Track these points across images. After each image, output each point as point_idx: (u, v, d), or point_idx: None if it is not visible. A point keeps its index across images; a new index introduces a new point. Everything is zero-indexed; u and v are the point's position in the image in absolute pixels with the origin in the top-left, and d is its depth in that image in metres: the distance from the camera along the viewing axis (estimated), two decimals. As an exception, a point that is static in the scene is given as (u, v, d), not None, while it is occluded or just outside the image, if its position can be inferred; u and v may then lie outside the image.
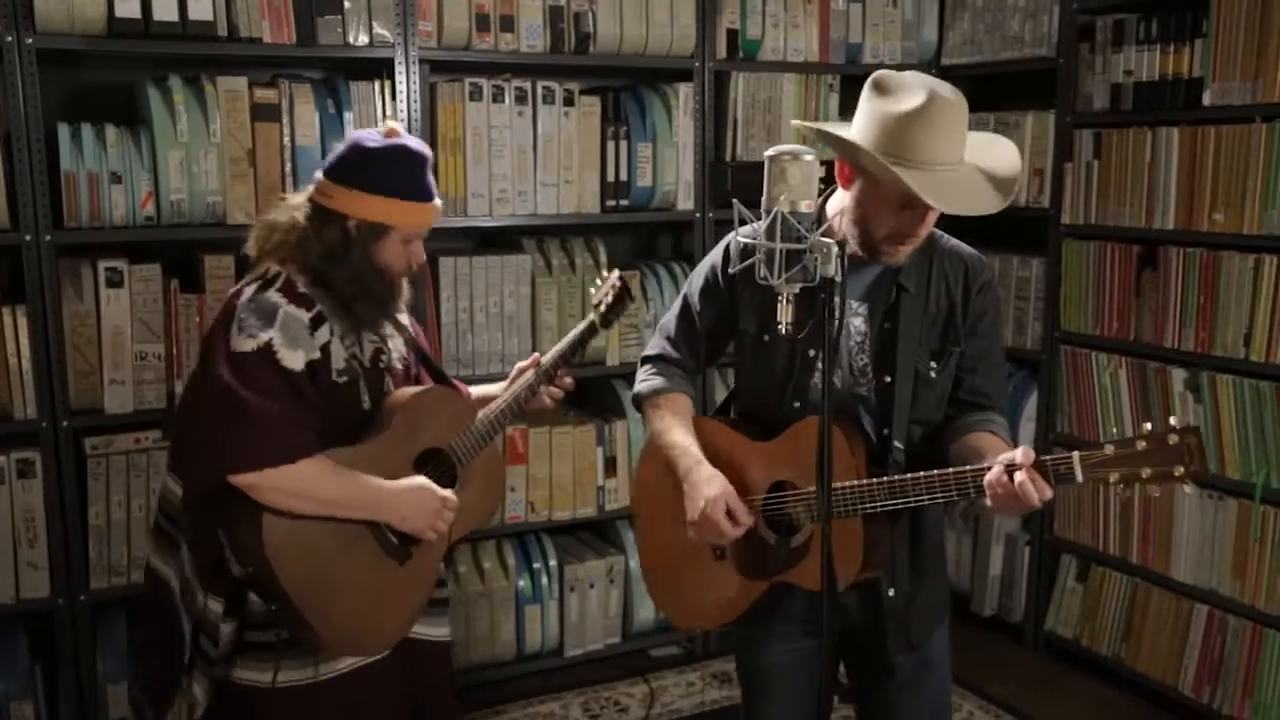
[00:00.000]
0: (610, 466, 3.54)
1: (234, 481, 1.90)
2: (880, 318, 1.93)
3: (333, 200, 2.05)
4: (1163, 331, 3.24)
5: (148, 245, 2.93)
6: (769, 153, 1.62)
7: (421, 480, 2.09)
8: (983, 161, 1.81)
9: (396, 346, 2.22)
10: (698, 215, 3.57)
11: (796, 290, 1.62)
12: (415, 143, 2.09)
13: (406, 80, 3.08)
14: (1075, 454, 1.69)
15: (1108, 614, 3.51)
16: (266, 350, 1.93)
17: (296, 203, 2.12)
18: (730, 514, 1.92)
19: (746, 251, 1.67)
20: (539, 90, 3.27)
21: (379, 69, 3.08)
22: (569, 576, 3.53)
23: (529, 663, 3.51)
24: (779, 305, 1.63)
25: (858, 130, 1.82)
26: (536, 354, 2.39)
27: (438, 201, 2.14)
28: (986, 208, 1.76)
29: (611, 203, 3.44)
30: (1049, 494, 1.68)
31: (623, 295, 2.42)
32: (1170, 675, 3.31)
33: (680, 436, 2.05)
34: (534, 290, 3.36)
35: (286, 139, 2.96)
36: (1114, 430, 3.41)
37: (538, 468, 3.43)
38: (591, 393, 3.64)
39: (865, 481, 1.84)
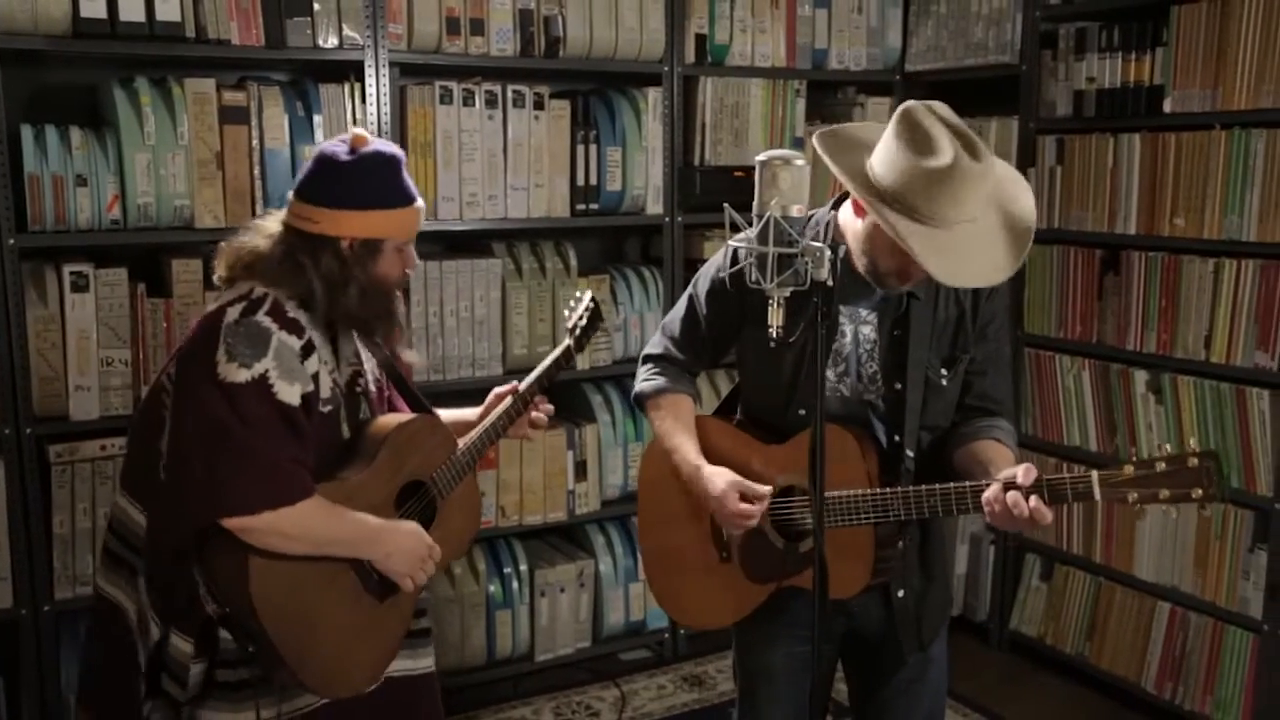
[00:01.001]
0: (581, 470, 3.53)
1: (227, 525, 1.80)
2: (890, 325, 1.93)
3: (318, 224, 1.94)
4: (1125, 334, 3.30)
5: (114, 249, 2.89)
6: (760, 157, 1.63)
7: (410, 526, 2.02)
8: (1002, 201, 1.78)
9: (371, 369, 2.14)
10: (667, 219, 3.58)
11: (787, 294, 1.63)
12: (386, 146, 2.01)
13: (376, 83, 3.06)
14: (1094, 474, 1.71)
15: (1072, 612, 3.56)
16: (262, 382, 1.82)
17: (271, 229, 1.99)
18: (745, 497, 1.91)
19: (738, 256, 1.67)
20: (509, 94, 3.27)
21: (348, 71, 3.05)
22: (539, 581, 3.52)
23: (500, 668, 3.50)
24: (769, 309, 1.64)
25: (878, 165, 1.77)
26: (514, 382, 2.32)
27: (420, 201, 2.06)
28: (986, 279, 1.74)
29: (581, 206, 3.44)
30: (1048, 517, 1.69)
31: (595, 317, 2.41)
32: (1133, 672, 3.37)
33: (682, 441, 2.05)
34: (504, 294, 3.35)
35: (255, 142, 2.92)
36: (1077, 432, 3.47)
37: (508, 472, 3.41)
38: (562, 397, 3.62)
39: (871, 492, 1.85)
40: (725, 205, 1.65)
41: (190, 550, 1.86)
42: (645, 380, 2.17)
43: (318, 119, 3.00)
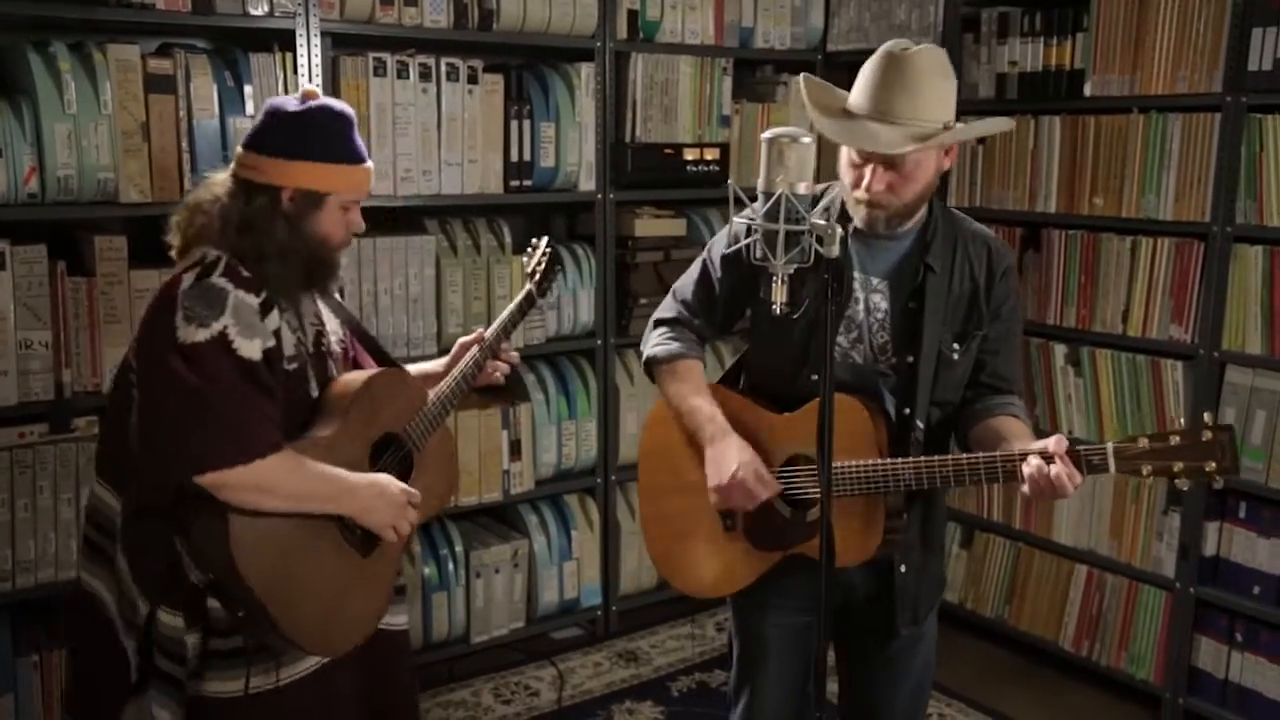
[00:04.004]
0: (515, 450, 3.50)
1: (200, 482, 1.77)
2: (905, 297, 1.96)
3: (262, 174, 1.92)
4: (1045, 309, 3.43)
5: (31, 224, 2.73)
6: (766, 135, 1.63)
7: (386, 477, 2.00)
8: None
9: (334, 328, 2.12)
10: (599, 196, 3.56)
11: (792, 270, 1.64)
12: (337, 103, 1.99)
13: (308, 54, 2.95)
14: (1109, 445, 1.76)
15: (991, 578, 3.70)
16: (221, 339, 1.81)
17: (219, 180, 1.98)
18: (760, 479, 1.93)
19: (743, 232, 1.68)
20: (443, 67, 3.19)
21: (275, 40, 2.93)
22: (474, 562, 3.48)
23: (436, 651, 3.45)
24: (774, 285, 1.65)
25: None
26: (480, 330, 2.33)
27: (370, 163, 2.03)
28: (873, 144, 1.83)
29: (515, 183, 3.39)
30: (1079, 481, 1.75)
31: (554, 261, 2.42)
32: (1051, 632, 3.52)
33: (703, 403, 2.04)
34: (439, 272, 3.29)
35: (183, 112, 2.79)
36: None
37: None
38: (494, 376, 3.58)
39: (891, 462, 1.88)
40: (729, 182, 1.65)
41: (168, 519, 1.82)
42: (658, 345, 2.14)
43: (248, 89, 2.88)
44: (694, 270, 2.16)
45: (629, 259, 3.65)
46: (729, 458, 1.95)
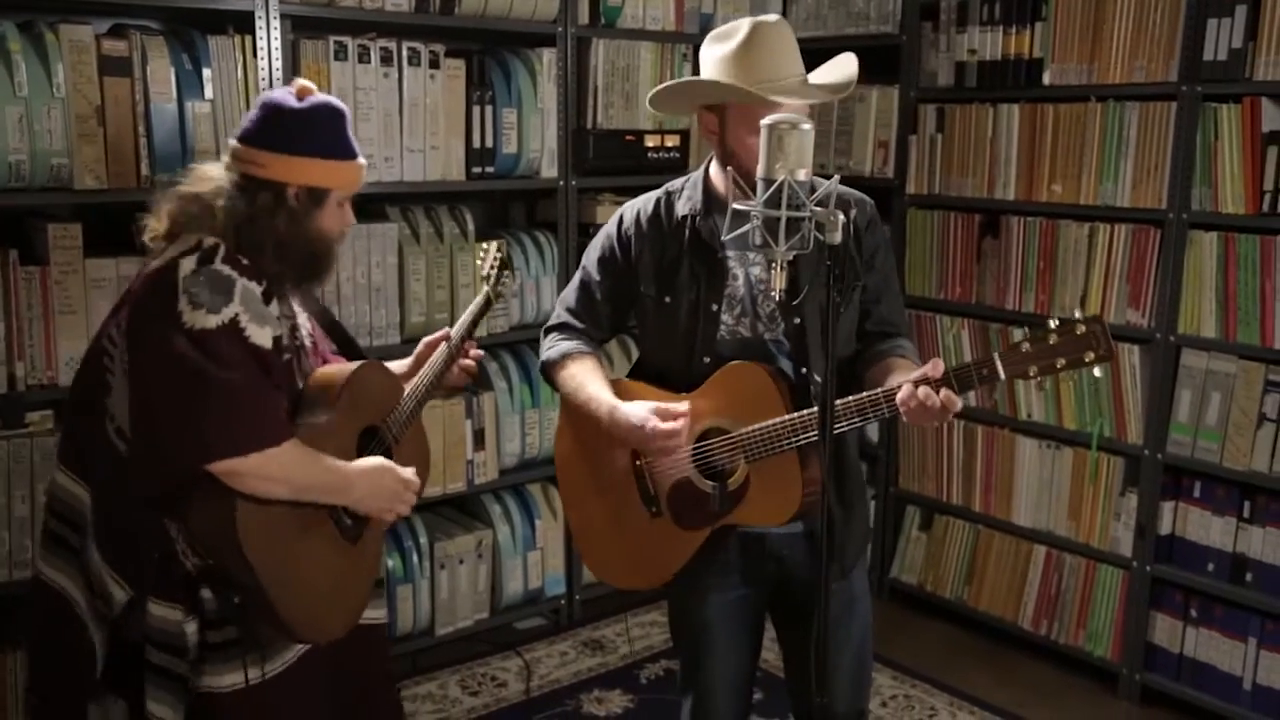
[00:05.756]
0: (479, 440, 3.47)
1: (213, 469, 1.76)
2: (780, 263, 2.00)
3: (266, 169, 1.92)
4: (1004, 295, 3.48)
5: (-19, 212, 2.63)
6: (765, 121, 1.62)
7: (384, 461, 2.01)
8: (826, 79, 2.06)
9: (304, 322, 2.11)
10: (561, 183, 3.53)
11: (790, 258, 1.65)
12: (335, 99, 2.01)
13: (268, 36, 2.88)
14: (996, 355, 1.84)
15: (951, 560, 3.76)
16: (233, 326, 1.80)
17: (214, 174, 1.96)
18: (665, 415, 1.96)
19: (737, 217, 1.67)
20: (404, 51, 3.14)
21: (231, 22, 2.85)
22: (439, 554, 3.44)
23: (401, 644, 3.40)
24: (773, 273, 1.65)
25: (706, 76, 2.02)
26: (446, 329, 2.34)
27: (363, 159, 2.05)
28: (817, 98, 2.01)
29: (477, 170, 3.35)
30: (958, 404, 1.83)
31: (504, 266, 2.44)
32: (1010, 612, 3.59)
33: (594, 390, 2.09)
34: (402, 260, 3.24)
35: (139, 96, 2.71)
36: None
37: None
38: (457, 365, 3.54)
39: (794, 415, 1.94)
40: (728, 169, 1.64)
41: (159, 506, 1.81)
42: (549, 349, 2.21)
43: (207, 73, 2.80)
44: (575, 277, 2.24)
45: (591, 246, 3.63)
46: (630, 426, 1.98)
